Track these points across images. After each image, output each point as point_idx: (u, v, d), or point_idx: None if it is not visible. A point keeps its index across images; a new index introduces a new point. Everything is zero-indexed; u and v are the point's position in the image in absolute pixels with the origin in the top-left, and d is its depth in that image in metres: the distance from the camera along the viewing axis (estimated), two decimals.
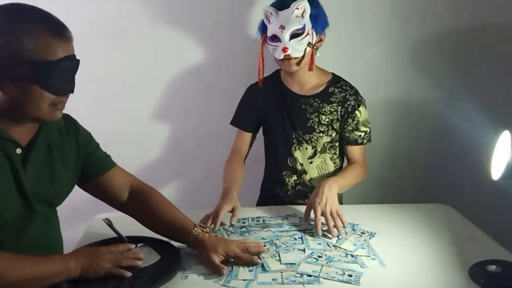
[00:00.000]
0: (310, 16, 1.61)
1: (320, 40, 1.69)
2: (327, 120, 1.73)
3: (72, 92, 1.13)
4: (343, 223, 1.47)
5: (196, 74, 2.22)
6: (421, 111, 2.31)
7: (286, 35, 1.60)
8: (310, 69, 1.68)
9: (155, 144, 2.31)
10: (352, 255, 1.35)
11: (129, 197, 1.39)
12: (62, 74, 1.07)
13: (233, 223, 1.52)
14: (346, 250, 1.38)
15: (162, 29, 2.14)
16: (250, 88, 1.83)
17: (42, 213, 1.19)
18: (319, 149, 1.76)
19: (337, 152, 1.80)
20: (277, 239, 1.44)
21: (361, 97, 1.76)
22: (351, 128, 1.74)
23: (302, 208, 1.62)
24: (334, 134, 1.75)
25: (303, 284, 1.21)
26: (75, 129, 1.29)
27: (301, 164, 1.78)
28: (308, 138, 1.75)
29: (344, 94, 1.73)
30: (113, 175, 1.36)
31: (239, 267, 1.27)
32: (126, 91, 2.22)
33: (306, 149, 1.76)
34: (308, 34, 1.61)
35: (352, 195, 1.87)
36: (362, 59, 2.24)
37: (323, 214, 1.46)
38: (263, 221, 1.57)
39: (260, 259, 1.29)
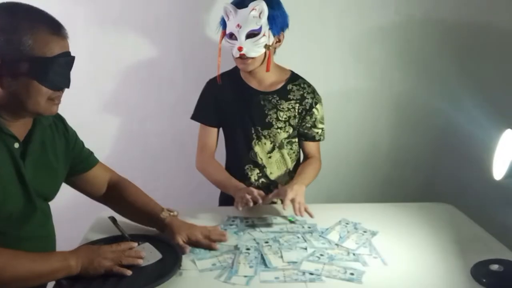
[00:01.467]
0: (268, 17, 1.62)
1: (278, 41, 1.71)
2: (284, 116, 1.76)
3: (68, 87, 1.16)
4: (310, 214, 1.53)
5: (199, 73, 2.21)
6: (425, 110, 2.31)
7: (242, 35, 1.62)
8: (267, 70, 1.71)
9: (158, 142, 2.31)
10: (354, 254, 1.36)
11: (107, 190, 1.47)
12: (59, 69, 1.11)
13: (240, 209, 1.55)
14: (348, 248, 1.39)
15: (166, 27, 2.14)
16: (210, 82, 1.83)
17: (41, 206, 1.23)
18: (277, 144, 1.79)
19: (294, 148, 1.83)
20: (280, 237, 1.44)
21: (318, 95, 1.80)
22: (309, 125, 1.79)
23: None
24: (291, 131, 1.78)
25: (305, 282, 1.21)
26: (64, 126, 1.34)
27: (261, 159, 1.80)
28: (266, 133, 1.77)
29: (302, 92, 1.77)
30: (96, 171, 1.43)
31: (239, 263, 1.28)
32: (129, 90, 2.22)
33: (265, 144, 1.78)
34: (264, 35, 1.63)
35: (355, 194, 1.87)
36: (366, 58, 2.24)
37: (292, 200, 1.53)
38: (253, 221, 1.56)
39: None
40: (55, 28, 1.11)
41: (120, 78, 2.19)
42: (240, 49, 1.62)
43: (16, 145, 1.15)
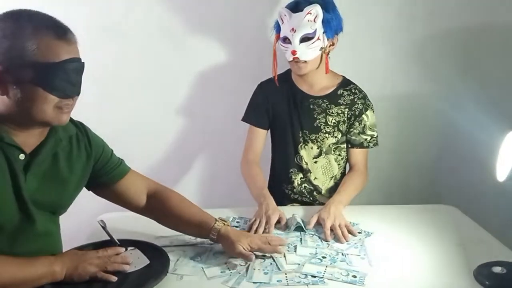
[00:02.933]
0: (323, 21, 1.62)
1: (332, 44, 1.71)
2: (333, 121, 1.75)
3: (78, 94, 1.12)
4: (352, 233, 1.48)
5: (203, 73, 2.22)
6: (428, 111, 2.30)
7: (296, 39, 1.61)
8: (326, 72, 1.71)
9: (161, 144, 2.31)
10: (342, 254, 1.36)
11: (148, 200, 1.40)
12: (65, 76, 1.07)
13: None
14: (338, 248, 1.40)
15: (169, 29, 2.15)
16: (262, 85, 1.85)
17: (42, 221, 1.18)
18: (324, 150, 1.79)
19: (342, 154, 1.82)
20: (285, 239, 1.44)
21: (370, 101, 1.79)
22: (358, 132, 1.77)
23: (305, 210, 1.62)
24: (339, 136, 1.77)
25: (307, 285, 1.21)
26: (87, 139, 1.29)
27: (306, 163, 1.80)
28: (314, 137, 1.77)
29: (352, 97, 1.76)
30: (128, 180, 1.37)
31: (254, 269, 1.27)
32: (133, 91, 2.23)
33: (312, 148, 1.78)
34: (318, 39, 1.63)
35: (358, 196, 1.87)
36: (369, 59, 2.23)
37: (331, 227, 1.48)
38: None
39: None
40: (61, 32, 1.07)
41: (122, 77, 2.20)
42: (293, 52, 1.62)
43: (21, 156, 1.11)
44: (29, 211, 1.14)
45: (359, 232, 1.49)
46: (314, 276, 1.24)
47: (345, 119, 1.76)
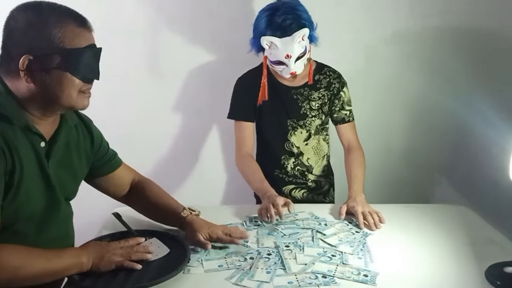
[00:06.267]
0: (309, 35, 1.67)
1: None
2: (316, 105, 1.83)
3: (98, 78, 1.19)
4: (380, 219, 1.54)
5: (208, 72, 2.24)
6: (439, 112, 2.30)
7: (292, 62, 1.66)
8: (310, 81, 1.79)
9: (167, 142, 2.33)
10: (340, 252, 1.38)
11: (129, 190, 1.50)
12: (88, 61, 1.14)
13: (291, 211, 1.58)
14: (331, 245, 1.41)
15: (177, 28, 2.17)
16: (242, 79, 1.87)
17: (64, 206, 1.26)
18: (312, 132, 1.86)
19: (329, 132, 1.91)
20: (299, 238, 1.45)
21: (344, 78, 1.87)
22: (338, 108, 1.85)
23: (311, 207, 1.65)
24: (323, 117, 1.86)
25: (318, 286, 1.21)
26: (90, 127, 1.36)
27: (298, 147, 1.86)
28: (302, 123, 1.84)
29: (328, 79, 1.84)
30: (120, 172, 1.47)
31: (257, 268, 1.28)
32: (139, 90, 2.25)
33: (301, 133, 1.85)
34: (309, 51, 1.71)
35: (368, 195, 1.87)
36: (380, 58, 2.24)
37: (363, 213, 1.55)
38: (277, 219, 1.56)
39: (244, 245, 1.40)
40: (82, 21, 1.14)
41: (125, 77, 2.22)
42: (293, 73, 1.70)
43: (42, 144, 1.17)
44: (57, 197, 1.21)
45: (356, 232, 1.51)
46: (325, 276, 1.24)
47: (326, 100, 1.84)
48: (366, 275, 1.25)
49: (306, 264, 1.30)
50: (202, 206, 1.52)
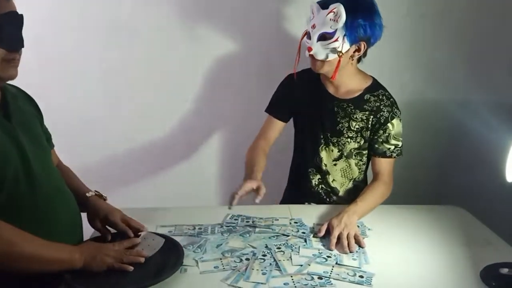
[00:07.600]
0: (347, 23, 1.52)
1: (358, 50, 1.61)
2: (357, 126, 1.69)
3: (22, 47, 1.15)
4: (360, 244, 1.42)
5: (209, 71, 2.24)
6: (436, 112, 2.30)
7: (314, 35, 1.56)
8: (333, 78, 1.61)
9: (167, 142, 2.33)
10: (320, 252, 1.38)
11: None
12: (8, 29, 1.11)
13: (257, 201, 1.48)
14: (319, 246, 1.42)
15: (176, 26, 2.16)
16: (289, 77, 1.78)
17: (43, 155, 1.27)
18: (345, 154, 1.73)
19: (363, 159, 1.76)
20: (289, 240, 1.45)
21: (397, 109, 1.69)
22: (381, 140, 1.68)
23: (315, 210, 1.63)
24: (362, 142, 1.71)
25: (314, 287, 1.21)
26: (29, 96, 1.36)
27: (325, 165, 1.76)
28: (335, 140, 1.72)
29: (379, 104, 1.67)
30: (53, 153, 1.44)
31: (252, 269, 1.28)
32: (140, 88, 2.25)
33: (332, 151, 1.74)
34: (336, 40, 1.54)
35: None
36: (377, 58, 2.23)
37: (339, 235, 1.43)
38: (253, 221, 1.56)
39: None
40: None
41: (125, 76, 2.21)
42: (309, 49, 1.57)
43: None
44: (25, 153, 1.18)
45: (328, 257, 1.37)
46: (321, 278, 1.24)
47: (369, 125, 1.68)
48: (361, 276, 1.25)
49: (301, 265, 1.30)
50: (200, 206, 1.51)
